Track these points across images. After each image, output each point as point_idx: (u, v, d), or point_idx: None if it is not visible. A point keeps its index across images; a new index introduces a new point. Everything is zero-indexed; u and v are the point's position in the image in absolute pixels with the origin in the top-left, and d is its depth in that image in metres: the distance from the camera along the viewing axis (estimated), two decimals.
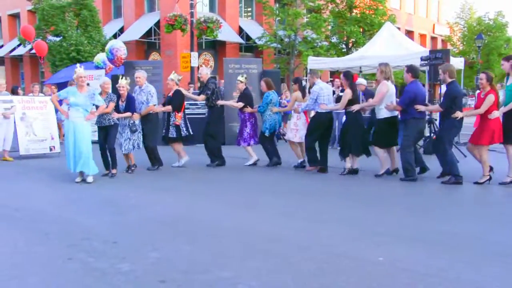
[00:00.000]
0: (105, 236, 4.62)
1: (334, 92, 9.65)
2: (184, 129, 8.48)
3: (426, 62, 10.23)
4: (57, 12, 21.62)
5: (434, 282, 3.50)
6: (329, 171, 8.16)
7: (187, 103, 9.55)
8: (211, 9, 26.02)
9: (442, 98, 7.71)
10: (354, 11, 25.31)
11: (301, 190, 6.98)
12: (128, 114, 7.82)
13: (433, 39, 41.94)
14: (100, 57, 13.22)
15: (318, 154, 8.14)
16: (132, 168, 8.12)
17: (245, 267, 3.81)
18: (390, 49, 12.76)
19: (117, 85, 7.87)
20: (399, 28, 26.00)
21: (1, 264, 3.93)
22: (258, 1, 25.75)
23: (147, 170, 8.36)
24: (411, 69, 7.28)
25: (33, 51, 26.28)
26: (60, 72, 19.09)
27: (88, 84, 7.47)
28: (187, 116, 8.79)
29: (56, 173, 7.98)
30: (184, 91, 8.82)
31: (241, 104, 8.69)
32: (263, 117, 8.68)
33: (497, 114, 6.76)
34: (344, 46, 25.76)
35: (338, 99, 8.21)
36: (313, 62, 14.33)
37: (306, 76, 15.50)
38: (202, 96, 8.65)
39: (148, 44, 26.15)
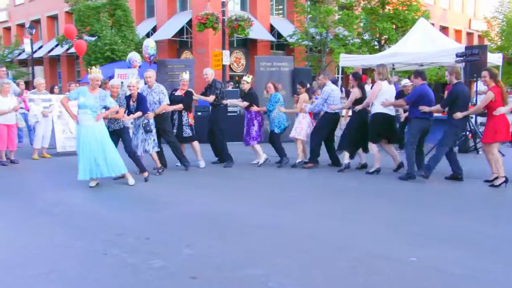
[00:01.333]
0: (139, 232, 4.70)
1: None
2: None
3: (461, 58, 9.95)
4: (93, 12, 22.13)
5: (470, 285, 3.42)
6: (361, 170, 8.20)
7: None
8: (243, 7, 26.08)
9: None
10: (387, 7, 24.87)
11: (331, 188, 6.93)
12: (139, 113, 7.40)
13: (469, 34, 40.83)
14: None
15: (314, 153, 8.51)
16: (160, 170, 7.86)
17: (277, 265, 3.81)
18: (423, 45, 12.49)
19: (127, 84, 7.68)
20: (433, 24, 25.44)
21: (41, 257, 4.05)
22: None
23: (176, 166, 8.46)
24: (419, 73, 7.62)
25: (70, 51, 27.05)
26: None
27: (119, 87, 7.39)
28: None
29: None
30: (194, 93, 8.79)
31: (246, 104, 8.79)
32: (271, 117, 8.84)
33: (502, 110, 6.71)
34: (376, 43, 25.36)
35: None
36: (345, 59, 14.19)
37: (338, 74, 15.33)
38: (212, 97, 8.58)
39: (180, 42, 26.41)
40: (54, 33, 33.61)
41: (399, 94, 9.48)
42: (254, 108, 8.73)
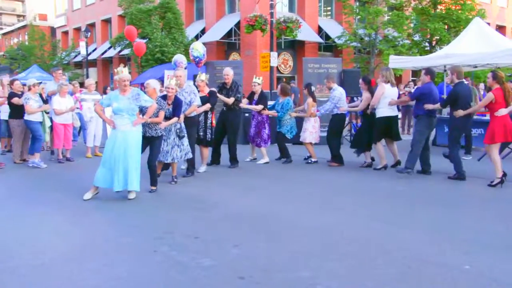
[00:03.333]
0: (188, 230, 4.78)
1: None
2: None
3: None
4: (144, 15, 22.75)
5: None
6: (402, 174, 7.97)
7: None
8: (291, 9, 26.05)
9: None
10: (439, 7, 24.15)
11: (376, 190, 6.79)
12: (176, 119, 6.83)
13: None
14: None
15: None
16: (175, 180, 7.20)
17: (324, 268, 3.77)
18: (478, 46, 12.01)
19: (164, 86, 7.46)
20: (489, 24, 24.49)
21: (94, 252, 4.21)
22: (338, 0, 25.39)
23: (228, 168, 8.57)
24: (429, 72, 7.87)
25: (122, 53, 27.91)
26: (146, 72, 20.03)
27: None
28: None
29: (141, 168, 8.34)
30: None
31: (261, 107, 8.91)
32: (282, 121, 9.07)
33: (504, 112, 6.81)
34: (427, 44, 24.66)
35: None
36: (394, 61, 13.86)
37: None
38: (232, 99, 8.44)
39: (228, 44, 26.68)
40: (108, 36, 34.81)
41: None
42: (266, 112, 8.95)
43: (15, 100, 9.04)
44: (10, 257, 4.02)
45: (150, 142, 6.57)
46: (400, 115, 10.25)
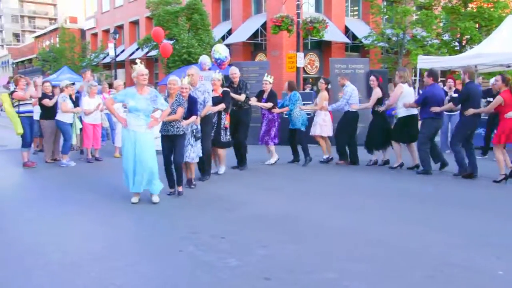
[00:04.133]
0: (214, 231, 4.79)
1: (446, 93, 9.14)
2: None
3: None
4: (171, 17, 22.96)
5: None
6: (431, 175, 7.93)
7: None
8: (317, 9, 25.90)
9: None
10: (470, 5, 23.62)
11: (402, 192, 6.67)
12: (194, 118, 6.62)
13: None
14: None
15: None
16: (194, 183, 7.03)
17: (350, 270, 3.73)
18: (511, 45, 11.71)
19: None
20: None
21: (121, 251, 4.27)
22: (365, 0, 25.12)
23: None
24: (432, 74, 8.10)
25: (149, 54, 28.25)
26: (173, 73, 20.20)
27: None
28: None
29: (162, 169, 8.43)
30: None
31: (270, 105, 8.85)
32: (293, 115, 9.02)
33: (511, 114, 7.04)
34: (457, 43, 24.14)
35: (451, 100, 8.33)
36: (423, 61, 13.63)
37: (415, 76, 14.77)
38: (243, 96, 8.34)
39: (254, 45, 26.71)
40: (136, 37, 35.30)
41: (487, 92, 9.78)
42: (277, 110, 8.92)
43: (45, 101, 9.26)
44: (41, 255, 4.11)
45: (174, 141, 6.36)
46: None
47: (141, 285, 3.50)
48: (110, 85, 13.01)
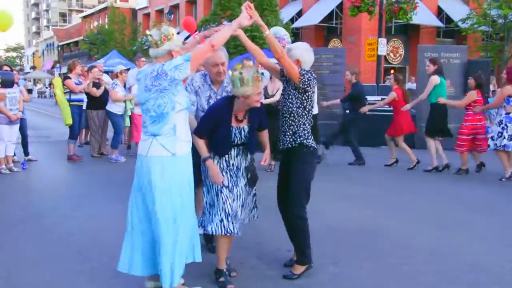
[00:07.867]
0: (279, 242, 4.80)
1: None
2: None
3: None
4: None
5: None
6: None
7: None
8: None
9: None
10: None
11: (501, 208, 6.42)
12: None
13: None
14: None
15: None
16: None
17: None
18: None
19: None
20: None
21: None
22: None
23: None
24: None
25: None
26: (233, 60, 20.48)
27: None
28: None
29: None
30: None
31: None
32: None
33: None
34: None
35: None
36: None
37: None
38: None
39: (328, 29, 26.58)
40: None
41: None
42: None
43: (93, 90, 9.58)
44: (87, 259, 4.35)
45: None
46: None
47: None
48: None
